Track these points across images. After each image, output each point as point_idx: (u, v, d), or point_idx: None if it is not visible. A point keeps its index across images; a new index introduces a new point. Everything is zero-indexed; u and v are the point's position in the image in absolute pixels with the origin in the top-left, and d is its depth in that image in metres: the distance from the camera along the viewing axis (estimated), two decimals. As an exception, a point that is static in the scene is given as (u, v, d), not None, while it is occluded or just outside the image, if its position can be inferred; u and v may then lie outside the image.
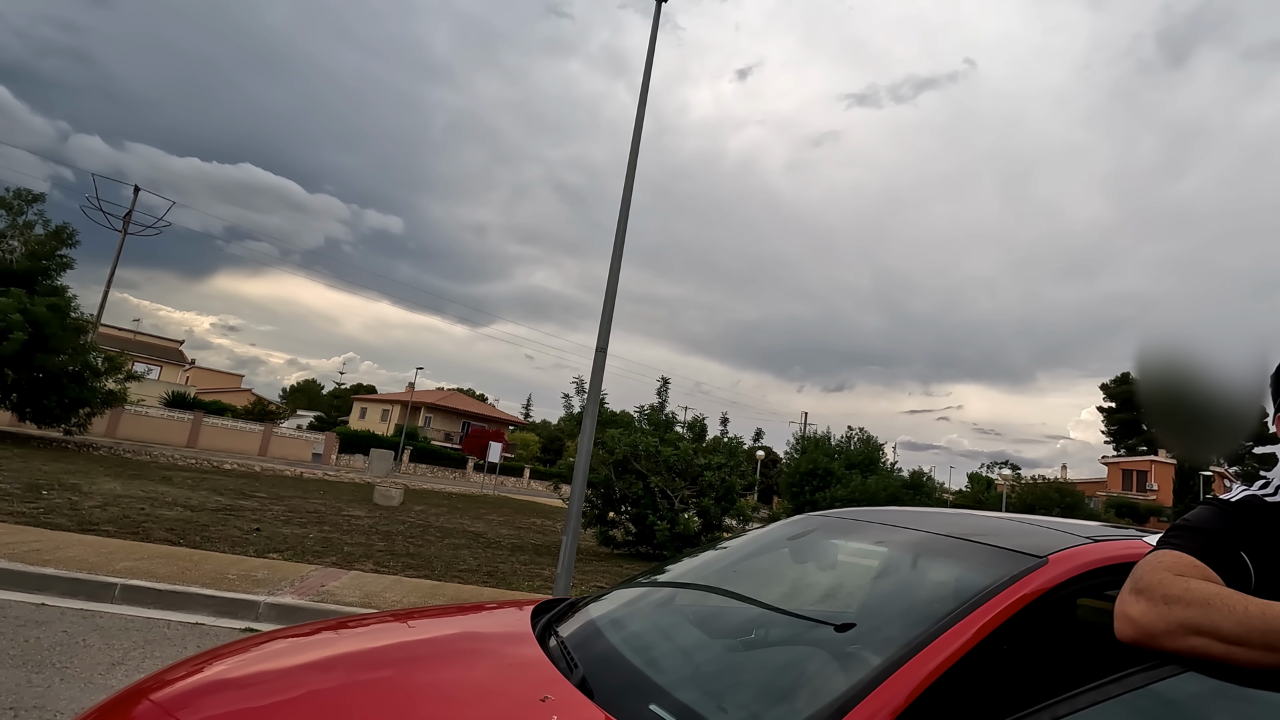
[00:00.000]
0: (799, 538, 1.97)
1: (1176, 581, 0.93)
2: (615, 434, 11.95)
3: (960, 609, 1.23)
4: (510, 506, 21.34)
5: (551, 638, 1.67)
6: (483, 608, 2.06)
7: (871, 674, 1.15)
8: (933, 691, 1.12)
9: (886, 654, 1.19)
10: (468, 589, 6.64)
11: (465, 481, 38.98)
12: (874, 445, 28.57)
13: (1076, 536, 1.39)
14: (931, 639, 1.18)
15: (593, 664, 1.44)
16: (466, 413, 57.32)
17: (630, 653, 1.51)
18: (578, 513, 5.74)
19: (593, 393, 5.95)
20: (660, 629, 1.75)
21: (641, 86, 6.60)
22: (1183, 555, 1.00)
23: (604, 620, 1.76)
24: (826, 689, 1.18)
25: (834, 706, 1.11)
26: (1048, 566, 1.28)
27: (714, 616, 1.77)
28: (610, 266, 6.14)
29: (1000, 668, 1.28)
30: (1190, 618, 0.88)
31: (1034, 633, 1.24)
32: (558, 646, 1.60)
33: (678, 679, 1.40)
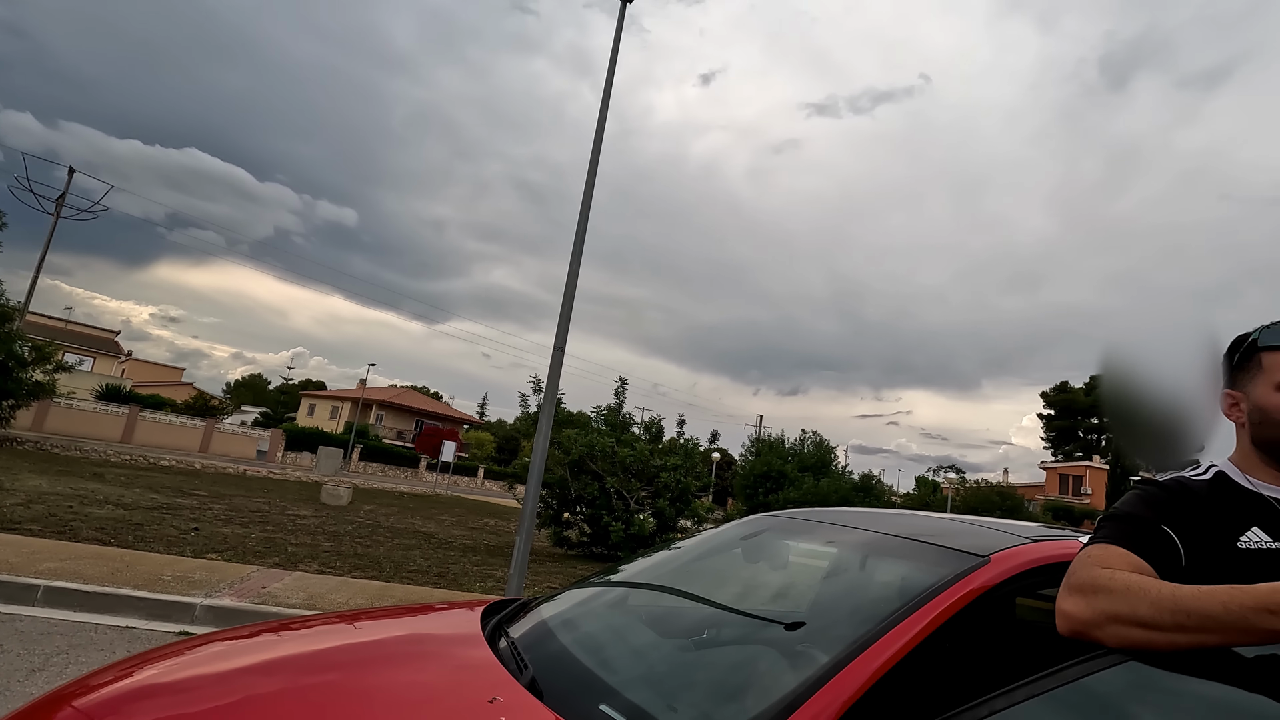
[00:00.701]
0: (751, 538, 1.99)
1: (1103, 573, 0.98)
2: (572, 434, 11.89)
3: (906, 607, 1.26)
4: (463, 507, 21.01)
5: (502, 639, 1.65)
6: (432, 609, 2.02)
7: (819, 672, 1.17)
8: (879, 688, 1.15)
9: (834, 652, 1.21)
10: (418, 590, 6.51)
11: (417, 481, 38.24)
12: (826, 448, 29.12)
13: (1017, 536, 1.43)
14: (878, 637, 1.21)
15: (543, 665, 1.43)
16: (420, 411, 56.22)
17: (581, 653, 1.50)
18: (532, 512, 5.69)
19: (550, 392, 5.90)
20: (612, 629, 1.74)
21: (605, 86, 6.59)
22: (1110, 547, 1.04)
23: (555, 621, 1.74)
24: (775, 687, 1.19)
25: (782, 704, 1.12)
26: (990, 565, 1.32)
27: (666, 617, 1.78)
28: (570, 266, 6.10)
29: (944, 663, 1.32)
30: (1113, 607, 0.92)
31: (977, 629, 1.28)
32: (508, 648, 1.57)
33: (629, 679, 1.40)
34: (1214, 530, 1.05)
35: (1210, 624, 0.84)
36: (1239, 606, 0.83)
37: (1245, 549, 1.02)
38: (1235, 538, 1.04)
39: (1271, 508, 1.05)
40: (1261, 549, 1.02)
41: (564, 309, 5.98)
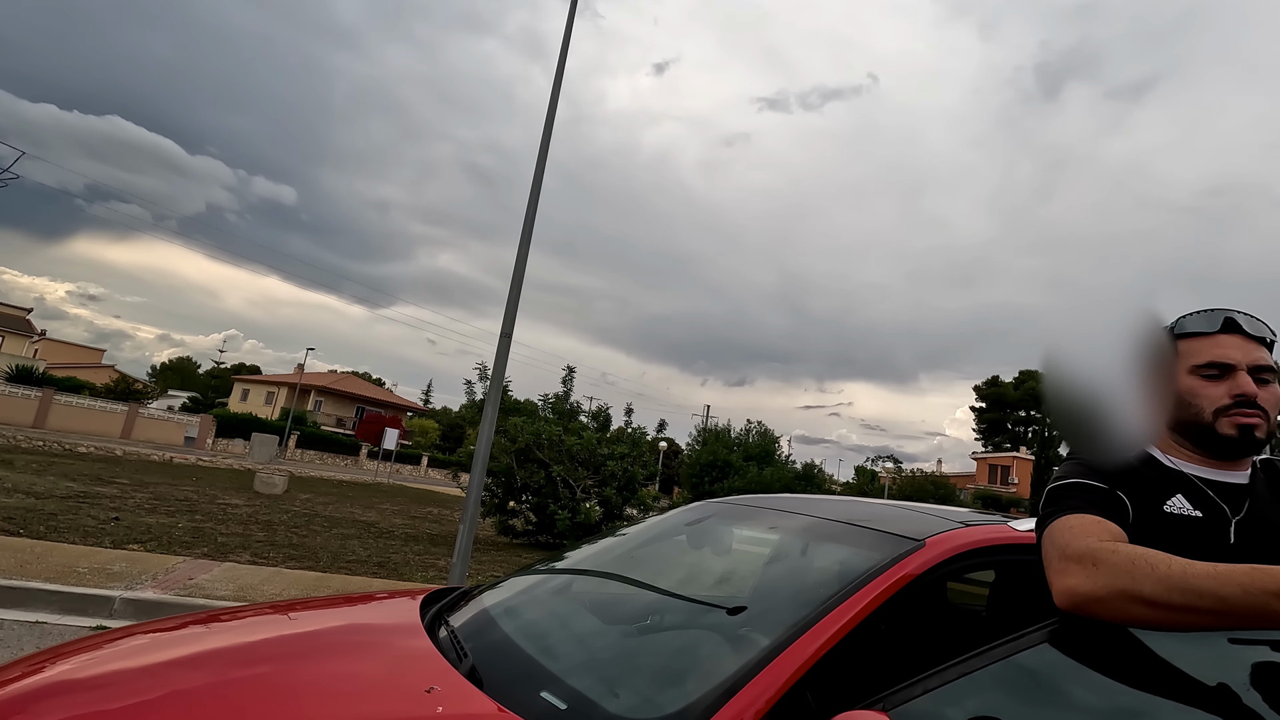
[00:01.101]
0: (696, 524, 2.00)
1: (1101, 545, 0.96)
2: (518, 422, 11.76)
3: (844, 590, 1.29)
4: (406, 495, 20.58)
5: (442, 628, 1.62)
6: (369, 598, 1.96)
7: (760, 654, 1.18)
8: (819, 668, 1.17)
9: (775, 635, 1.23)
10: (356, 580, 6.35)
11: (358, 469, 37.22)
12: (771, 438, 29.66)
13: (950, 521, 1.48)
14: (817, 619, 1.23)
15: (483, 653, 1.40)
16: (361, 397, 54.66)
17: (523, 641, 1.48)
18: (476, 500, 5.61)
19: (496, 379, 5.81)
20: (555, 616, 1.72)
21: (557, 69, 6.48)
22: (1086, 516, 1.05)
23: (497, 609, 1.72)
24: (717, 671, 1.20)
25: (724, 688, 1.13)
26: (925, 549, 1.36)
27: (610, 603, 1.77)
28: (518, 250, 6.01)
29: (882, 643, 1.35)
30: (1118, 582, 0.89)
31: (913, 609, 1.32)
32: (448, 637, 1.54)
33: (571, 666, 1.39)
34: (1146, 495, 1.11)
35: (1226, 606, 0.80)
36: (1260, 591, 0.78)
37: (1171, 513, 1.08)
38: (1163, 503, 1.10)
39: (1192, 483, 1.12)
40: (1185, 515, 1.08)
41: (512, 294, 5.88)
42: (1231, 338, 1.14)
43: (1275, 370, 1.13)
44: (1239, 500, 1.09)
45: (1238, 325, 1.14)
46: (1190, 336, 1.17)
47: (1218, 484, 1.11)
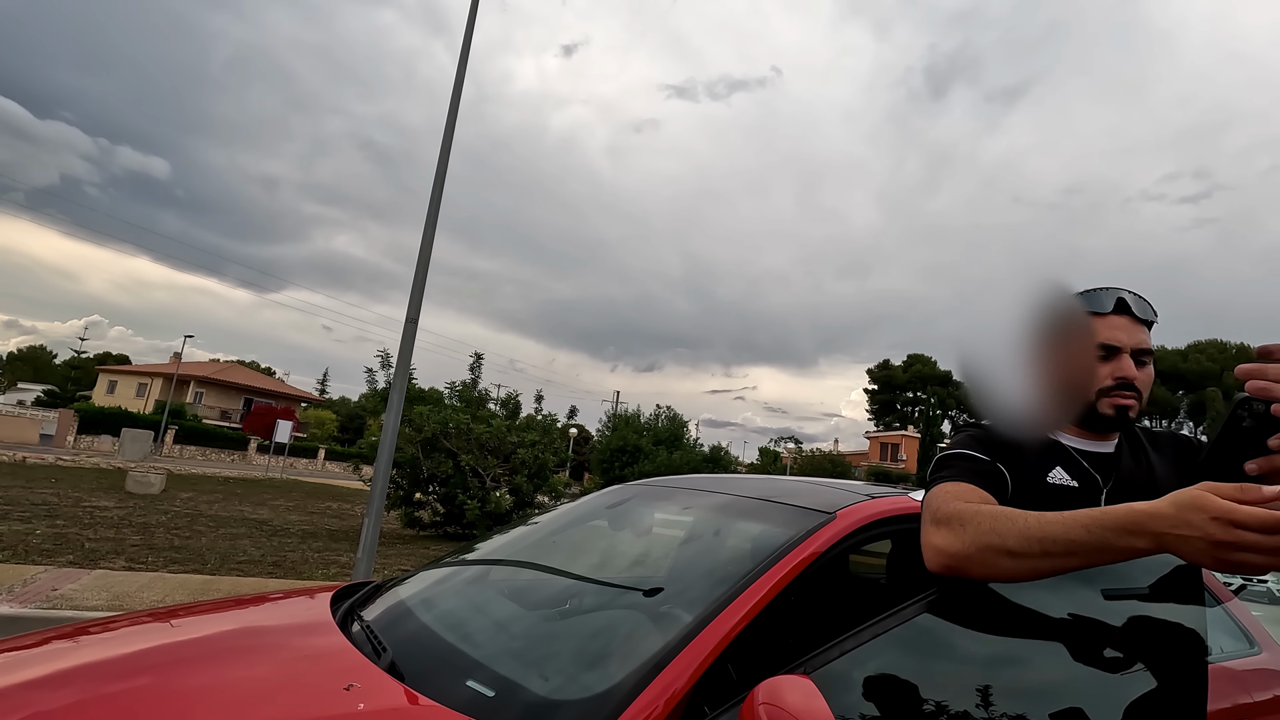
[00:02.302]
0: (616, 506, 2.01)
1: (967, 507, 1.03)
2: (424, 411, 11.39)
3: (760, 565, 1.33)
4: (301, 490, 19.48)
5: (355, 623, 1.55)
6: (269, 598, 1.85)
7: (682, 632, 1.21)
8: (739, 642, 1.21)
9: (695, 612, 1.26)
10: (249, 582, 5.96)
11: (247, 465, 34.86)
12: (679, 423, 30.27)
13: (858, 494, 1.57)
14: (735, 595, 1.27)
15: (403, 646, 1.36)
16: (249, 388, 51.07)
17: (444, 631, 1.44)
18: (382, 491, 5.39)
19: (402, 366, 5.59)
20: (475, 605, 1.69)
21: (463, 43, 6.25)
22: (960, 483, 1.13)
23: (414, 601, 1.67)
24: (643, 649, 1.22)
25: (649, 665, 1.14)
26: (836, 521, 1.42)
27: (531, 589, 1.76)
28: (423, 234, 5.78)
29: (798, 613, 1.41)
30: (984, 539, 0.96)
31: (826, 579, 1.38)
32: (363, 631, 1.48)
33: (495, 653, 1.37)
34: (1029, 467, 1.20)
35: (1074, 548, 0.87)
36: (1100, 528, 0.86)
37: (1053, 484, 1.17)
38: (1045, 474, 1.19)
39: (1070, 454, 1.22)
40: (1065, 485, 1.18)
41: (417, 279, 5.66)
42: (1121, 319, 1.20)
43: (1152, 352, 1.23)
44: (1109, 470, 1.20)
45: (1128, 307, 1.20)
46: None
47: (1091, 454, 1.21)
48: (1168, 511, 0.80)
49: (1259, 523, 0.71)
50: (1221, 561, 0.76)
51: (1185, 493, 0.80)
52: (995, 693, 1.03)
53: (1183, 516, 0.78)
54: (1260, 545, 0.72)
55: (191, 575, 5.98)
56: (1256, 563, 0.73)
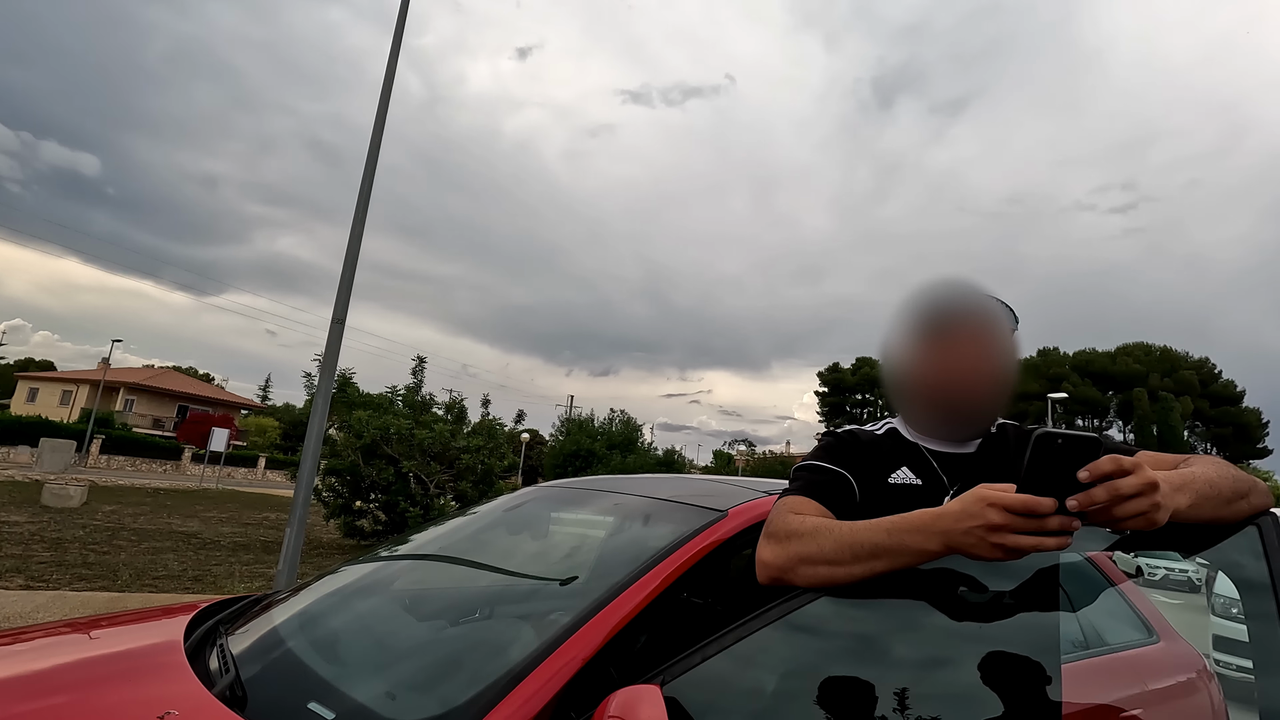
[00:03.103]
0: (515, 509, 1.92)
1: (794, 519, 1.04)
2: (364, 416, 11.02)
3: (646, 562, 1.27)
4: (238, 501, 18.70)
5: (212, 644, 1.42)
6: (124, 618, 1.69)
7: (556, 634, 1.13)
8: (622, 639, 1.14)
9: (575, 613, 1.19)
10: (161, 598, 5.63)
11: (180, 475, 33.32)
12: (634, 426, 30.23)
13: (754, 492, 1.52)
14: (617, 593, 1.20)
15: (254, 668, 1.24)
16: (184, 395, 48.86)
17: (306, 649, 1.33)
18: (306, 498, 5.15)
19: (327, 368, 5.36)
20: (354, 617, 1.58)
21: (395, 33, 6.06)
22: (799, 497, 1.12)
23: (287, 616, 1.54)
24: (508, 659, 1.14)
25: (508, 678, 1.06)
26: (727, 519, 1.37)
27: (417, 598, 1.65)
28: (351, 231, 5.56)
29: (685, 610, 1.35)
30: (804, 549, 0.99)
31: (715, 576, 1.33)
32: (218, 653, 1.35)
33: (353, 671, 1.26)
34: (875, 470, 1.18)
35: (879, 551, 0.93)
36: (899, 531, 0.92)
37: (894, 484, 1.16)
38: (888, 475, 1.17)
39: (921, 454, 1.20)
40: (907, 484, 1.16)
41: (344, 277, 5.44)
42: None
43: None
44: (961, 471, 1.17)
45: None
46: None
47: (944, 455, 1.19)
48: (954, 507, 0.89)
49: (1024, 505, 0.83)
50: (998, 546, 0.84)
51: (969, 490, 0.89)
52: (856, 695, 0.98)
53: (967, 508, 0.87)
54: (1027, 526, 0.83)
55: (98, 593, 5.62)
56: (1025, 544, 0.84)
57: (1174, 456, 1.16)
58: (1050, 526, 0.83)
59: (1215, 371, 57.20)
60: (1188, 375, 55.58)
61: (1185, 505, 0.93)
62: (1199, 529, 1.02)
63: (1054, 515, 0.83)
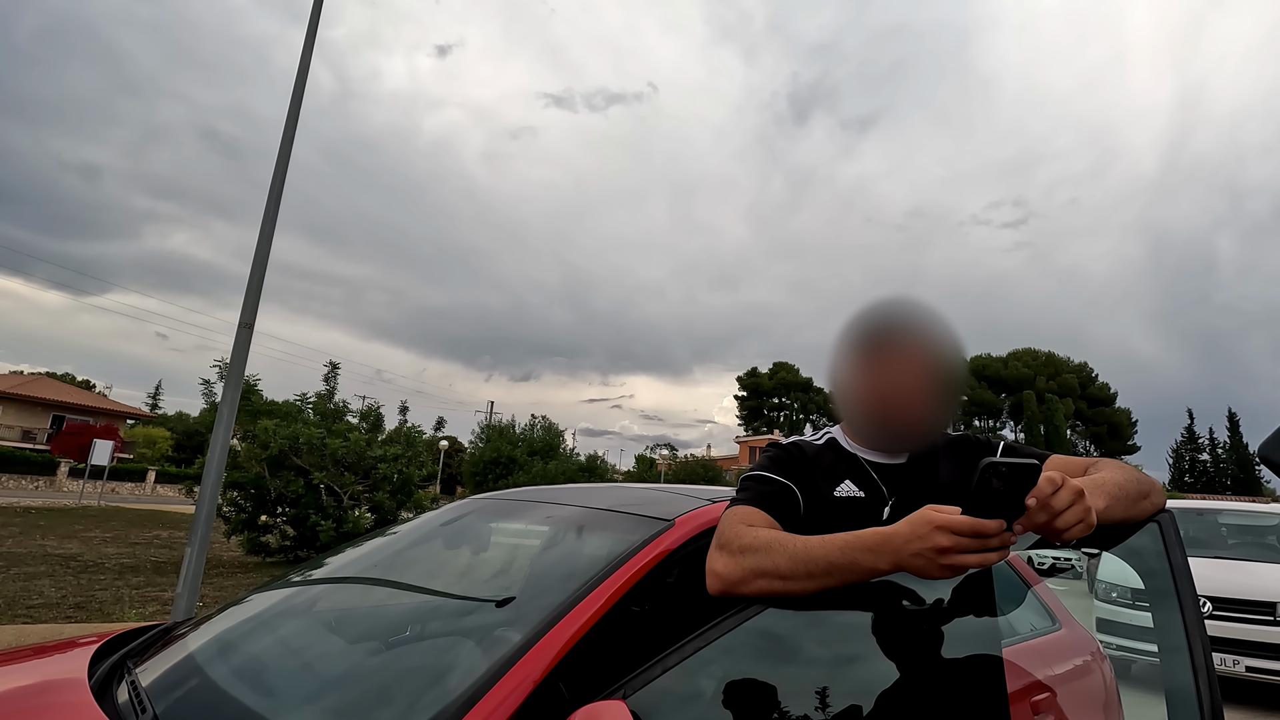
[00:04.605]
0: (453, 523, 1.86)
1: (747, 532, 1.05)
2: (270, 425, 10.41)
3: (597, 575, 1.26)
4: (124, 518, 17.21)
5: (120, 680, 1.30)
6: (23, 653, 1.53)
7: (509, 652, 1.10)
8: (574, 655, 1.12)
9: (527, 629, 1.16)
10: (38, 630, 5.10)
11: (55, 492, 30.37)
12: (555, 432, 29.97)
13: (698, 500, 1.53)
14: (567, 609, 1.18)
15: (172, 705, 1.15)
16: (59, 403, 44.54)
17: (230, 682, 1.24)
18: (209, 515, 4.80)
19: (234, 376, 5.03)
20: (279, 643, 1.48)
21: (308, 29, 5.78)
22: (748, 508, 1.14)
23: (204, 645, 1.43)
24: (467, 676, 1.10)
25: (466, 695, 1.03)
26: (674, 528, 1.38)
27: (349, 619, 1.57)
28: (260, 231, 5.25)
29: (637, 622, 1.35)
30: (758, 563, 1.00)
31: (665, 586, 1.33)
32: (127, 690, 1.24)
33: (293, 701, 1.19)
34: (820, 483, 1.21)
35: (831, 568, 0.96)
36: (851, 549, 0.95)
37: (839, 497, 1.19)
38: (833, 488, 1.20)
39: (861, 466, 1.23)
40: (850, 497, 1.19)
41: (253, 279, 5.12)
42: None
43: None
44: (896, 481, 1.21)
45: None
46: None
47: (882, 466, 1.23)
48: (903, 529, 0.92)
49: (971, 529, 0.87)
50: (946, 567, 0.88)
51: (916, 513, 0.92)
52: (817, 699, 1.02)
53: (915, 531, 0.90)
54: (972, 546, 0.87)
55: (-39, 627, 5.03)
56: (971, 561, 0.88)
57: (1082, 461, 1.25)
58: (992, 545, 0.87)
59: (1093, 375, 62.61)
60: (1069, 379, 60.56)
61: (1102, 508, 1.01)
62: (1108, 528, 1.11)
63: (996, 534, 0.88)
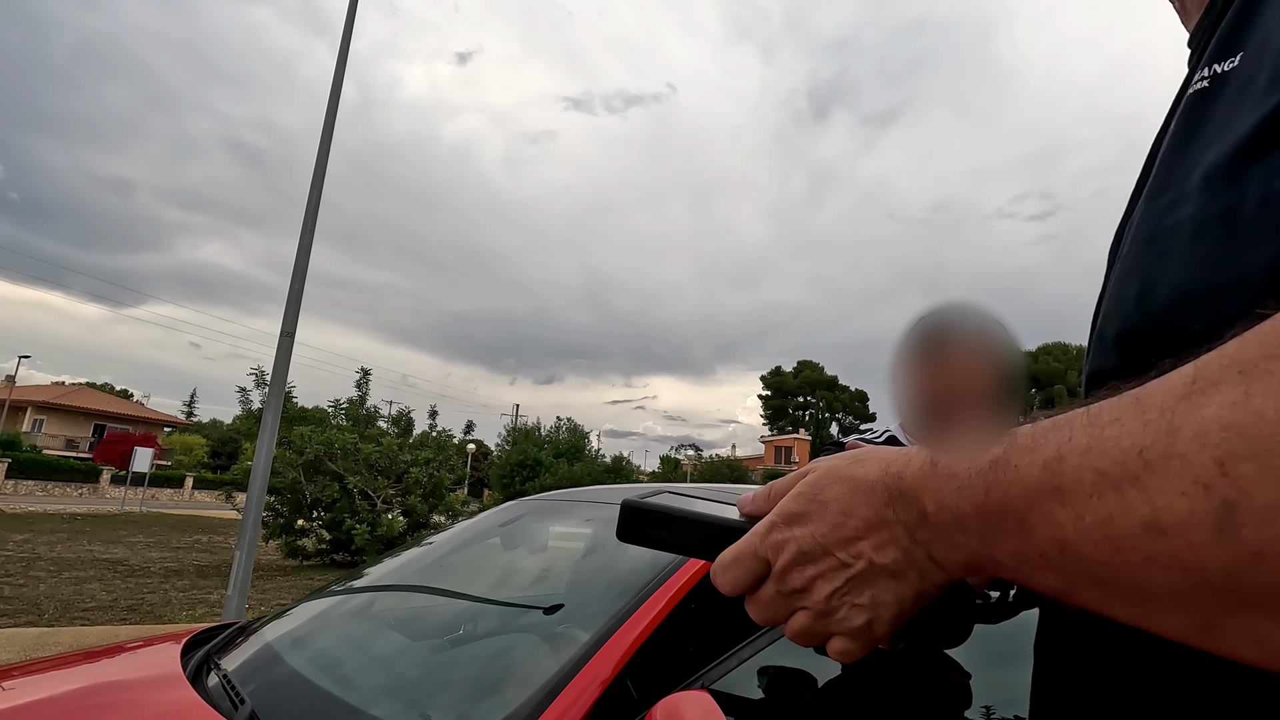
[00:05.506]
0: (509, 524, 1.92)
1: None
2: (305, 431, 10.66)
3: (659, 575, 1.30)
4: (164, 524, 17.69)
5: (211, 673, 1.38)
6: (101, 653, 1.62)
7: (579, 652, 1.15)
8: (639, 657, 1.17)
9: (593, 630, 1.21)
10: (96, 632, 5.29)
11: (99, 499, 31.24)
12: (580, 434, 30.11)
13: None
14: (634, 608, 1.23)
15: (267, 696, 1.21)
16: (100, 413, 45.91)
17: (315, 673, 1.31)
18: (256, 520, 4.95)
19: (277, 384, 5.17)
20: (354, 641, 1.55)
21: (341, 43, 5.93)
22: None
23: (283, 642, 1.50)
24: (536, 675, 1.15)
25: (542, 692, 1.08)
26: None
27: (419, 618, 1.64)
28: (300, 242, 5.40)
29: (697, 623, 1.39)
30: None
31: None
32: (220, 683, 1.31)
33: (375, 693, 1.25)
34: None
35: None
36: None
37: None
38: None
39: None
40: None
41: (293, 289, 5.27)
42: None
43: None
44: None
45: None
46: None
47: None
48: None
49: None
50: None
51: None
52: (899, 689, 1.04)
53: None
54: None
55: (23, 629, 5.24)
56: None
57: None
58: None
59: (1125, 369, 61.23)
60: (1101, 373, 59.27)
61: None
62: None
63: None
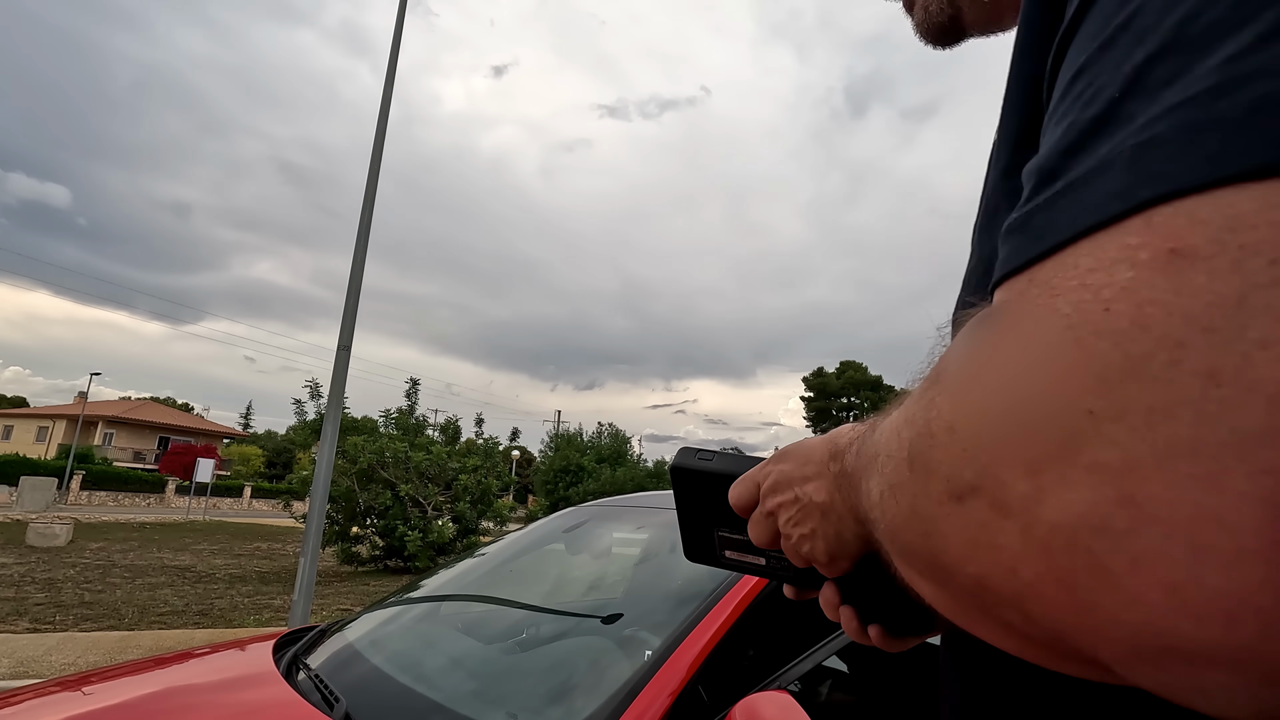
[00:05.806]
0: (573, 530, 1.97)
1: None
2: (358, 441, 10.97)
3: (724, 581, 1.33)
4: (226, 532, 18.39)
5: (300, 672, 1.45)
6: (196, 654, 1.72)
7: (654, 656, 1.18)
8: (709, 662, 1.19)
9: (663, 636, 1.23)
10: (173, 635, 5.55)
11: (165, 508, 32.67)
12: (622, 439, 30.20)
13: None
14: (704, 614, 1.26)
15: (357, 692, 1.28)
16: (164, 426, 48.02)
17: (398, 673, 1.37)
18: (319, 528, 5.14)
19: (335, 395, 5.36)
20: (430, 643, 1.62)
21: (389, 62, 6.13)
22: None
23: (363, 643, 1.58)
24: (610, 678, 1.19)
25: (619, 696, 1.11)
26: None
27: (489, 622, 1.69)
28: (354, 257, 5.59)
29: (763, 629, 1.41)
30: None
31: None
32: (310, 680, 1.39)
33: (456, 694, 1.30)
34: None
35: None
36: None
37: None
38: None
39: None
40: None
41: (349, 304, 5.46)
42: None
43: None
44: None
45: None
46: None
47: None
48: None
49: None
50: None
51: None
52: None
53: None
54: None
55: (106, 633, 5.54)
56: None
57: None
58: None
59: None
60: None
61: None
62: None
63: None
